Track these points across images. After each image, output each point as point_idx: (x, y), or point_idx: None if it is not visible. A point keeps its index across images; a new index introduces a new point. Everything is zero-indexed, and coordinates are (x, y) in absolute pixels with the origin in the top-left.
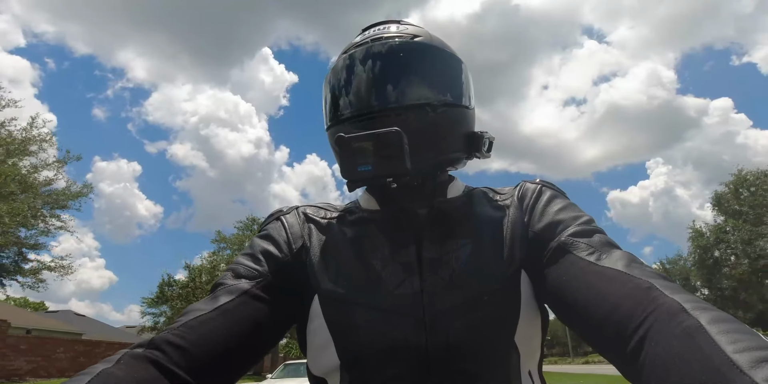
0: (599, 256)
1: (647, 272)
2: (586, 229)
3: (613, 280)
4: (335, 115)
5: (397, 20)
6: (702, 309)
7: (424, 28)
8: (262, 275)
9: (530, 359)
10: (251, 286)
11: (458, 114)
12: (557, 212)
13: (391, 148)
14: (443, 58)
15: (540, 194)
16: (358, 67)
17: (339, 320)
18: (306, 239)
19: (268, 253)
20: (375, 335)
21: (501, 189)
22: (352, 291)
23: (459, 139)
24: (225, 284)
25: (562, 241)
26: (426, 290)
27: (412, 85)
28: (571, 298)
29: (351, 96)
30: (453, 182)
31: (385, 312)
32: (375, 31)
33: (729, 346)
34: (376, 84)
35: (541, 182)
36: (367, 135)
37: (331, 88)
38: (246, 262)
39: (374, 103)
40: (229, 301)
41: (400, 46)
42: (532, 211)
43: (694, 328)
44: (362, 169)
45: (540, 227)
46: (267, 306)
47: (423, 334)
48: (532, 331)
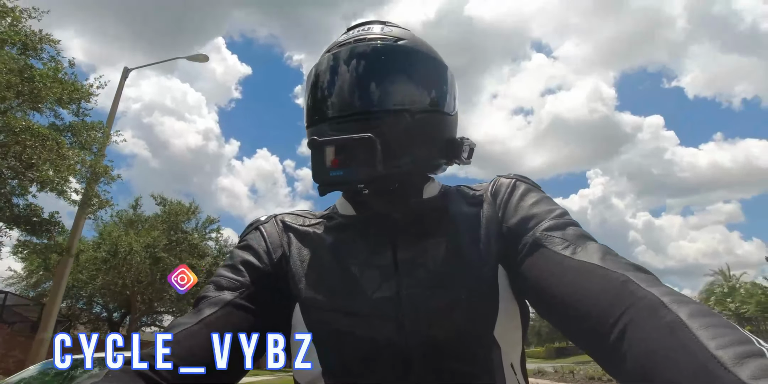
0: (574, 249)
1: (622, 264)
2: (560, 223)
3: (590, 274)
4: (312, 115)
5: (383, 21)
6: (681, 302)
7: (409, 31)
8: (244, 285)
9: (512, 352)
10: (234, 297)
11: (438, 120)
12: (531, 206)
13: (363, 154)
14: (426, 62)
15: (514, 188)
16: (339, 67)
17: (320, 327)
18: (285, 248)
19: (249, 263)
20: (356, 340)
21: (477, 186)
22: (332, 297)
23: (438, 145)
24: (208, 297)
25: (537, 236)
26: (403, 292)
27: (391, 89)
28: (549, 294)
29: (329, 97)
30: (429, 183)
31: (364, 317)
32: (359, 31)
33: (711, 342)
34: (355, 86)
35: (515, 176)
36: (340, 139)
37: (311, 87)
38: (227, 273)
39: (352, 106)
40: (212, 313)
41: (382, 49)
42: (506, 205)
43: (675, 324)
44: (334, 173)
45: (514, 222)
46: (251, 316)
47: (403, 337)
48: (512, 324)
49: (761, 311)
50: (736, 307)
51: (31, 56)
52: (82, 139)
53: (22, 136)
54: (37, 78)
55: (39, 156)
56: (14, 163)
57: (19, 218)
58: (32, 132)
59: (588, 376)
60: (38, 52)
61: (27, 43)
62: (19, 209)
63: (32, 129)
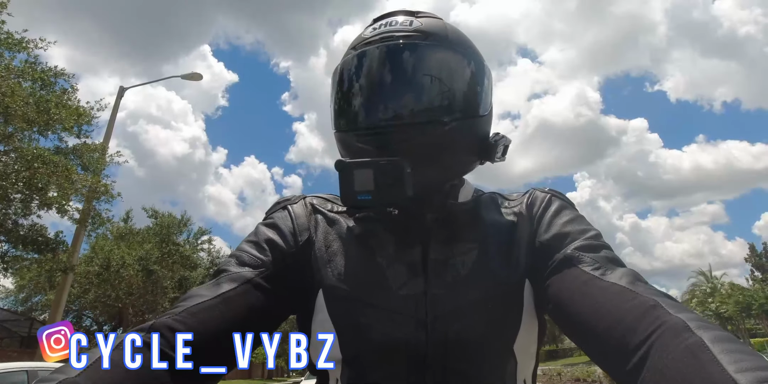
0: (604, 271)
1: (652, 290)
2: (593, 244)
3: (617, 295)
4: (339, 120)
5: (412, 11)
6: (705, 328)
7: (441, 20)
8: (266, 265)
9: (526, 367)
10: (254, 276)
11: (472, 124)
12: (565, 224)
13: (391, 177)
14: (460, 62)
15: (549, 204)
16: (365, 70)
17: (343, 316)
18: (312, 232)
19: (273, 242)
20: (377, 334)
21: (510, 195)
22: (357, 288)
23: (471, 148)
24: (228, 271)
25: (568, 253)
26: (430, 292)
27: (421, 97)
28: (573, 310)
29: (356, 104)
30: (464, 186)
31: (388, 312)
32: (387, 25)
33: (731, 366)
34: (383, 95)
35: (551, 191)
36: (367, 162)
37: (337, 89)
38: (250, 250)
39: (380, 117)
40: (232, 289)
41: (411, 51)
42: (540, 220)
43: (697, 346)
44: (362, 197)
45: (547, 238)
46: (268, 296)
47: (424, 335)
48: (530, 339)
49: (739, 311)
50: (716, 307)
51: (45, 90)
52: (85, 160)
53: (34, 164)
54: (53, 110)
55: (48, 180)
56: (22, 188)
57: (26, 239)
58: (44, 159)
59: (574, 377)
60: (53, 85)
61: (43, 79)
62: (24, 230)
63: (44, 156)
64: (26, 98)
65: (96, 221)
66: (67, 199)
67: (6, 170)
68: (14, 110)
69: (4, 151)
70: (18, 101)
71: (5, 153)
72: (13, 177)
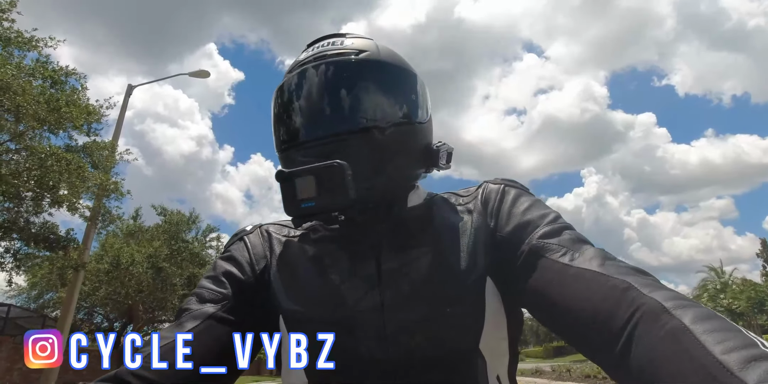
0: (572, 255)
1: (622, 269)
2: (555, 228)
3: (590, 282)
4: (281, 142)
5: (343, 33)
6: (683, 307)
7: (372, 41)
8: (227, 298)
9: (498, 364)
10: (216, 310)
11: (410, 131)
12: (523, 213)
13: (333, 182)
14: (391, 73)
15: (504, 195)
16: (301, 89)
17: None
18: (269, 259)
19: (231, 275)
20: (339, 352)
21: (464, 191)
22: (314, 309)
23: (414, 155)
24: (190, 309)
25: (533, 244)
26: (386, 304)
27: (356, 106)
28: (549, 303)
29: (295, 121)
30: (413, 192)
31: (347, 328)
32: (319, 46)
33: (716, 347)
34: (318, 108)
35: (503, 181)
36: (307, 169)
37: (276, 112)
38: (209, 285)
39: (318, 129)
40: (195, 326)
41: (344, 66)
42: (497, 214)
43: (678, 330)
44: (305, 205)
45: (508, 230)
46: (234, 328)
47: (386, 348)
48: (498, 336)
49: (752, 306)
50: (728, 303)
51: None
52: (95, 159)
53: (48, 162)
54: (64, 108)
55: (59, 178)
56: (33, 186)
57: (38, 236)
58: (57, 157)
59: (584, 374)
60: (63, 84)
61: (54, 78)
62: (36, 227)
63: (57, 154)
64: (37, 97)
65: (106, 219)
66: (77, 197)
67: (18, 168)
68: (25, 109)
69: (15, 150)
70: (29, 100)
71: (17, 151)
72: (24, 175)
